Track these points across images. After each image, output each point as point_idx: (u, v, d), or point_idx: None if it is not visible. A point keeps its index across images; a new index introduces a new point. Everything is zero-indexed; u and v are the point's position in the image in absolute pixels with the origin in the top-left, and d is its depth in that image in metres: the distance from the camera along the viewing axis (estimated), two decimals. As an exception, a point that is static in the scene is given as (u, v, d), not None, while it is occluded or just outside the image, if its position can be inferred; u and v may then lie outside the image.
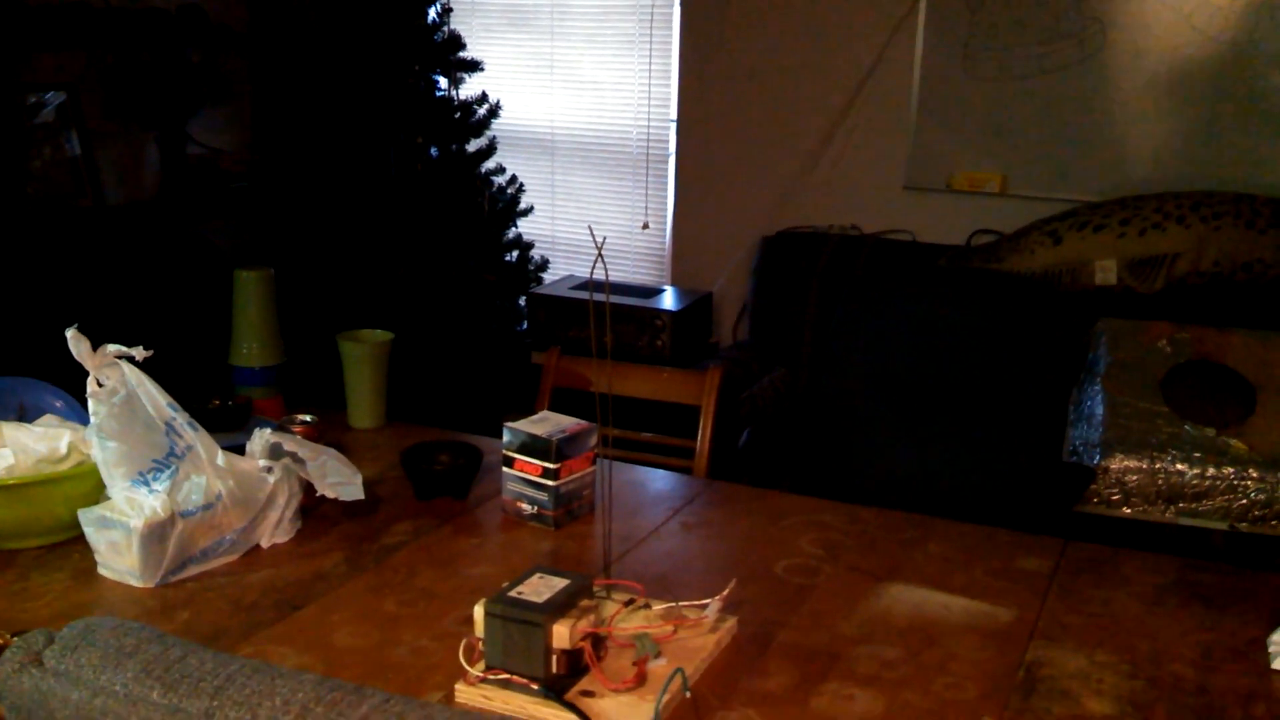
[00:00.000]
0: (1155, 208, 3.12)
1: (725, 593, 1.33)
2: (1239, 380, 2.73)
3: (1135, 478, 2.60)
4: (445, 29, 3.75)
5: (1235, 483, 2.54)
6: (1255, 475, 2.54)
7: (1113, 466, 2.61)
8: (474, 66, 3.79)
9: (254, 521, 1.54)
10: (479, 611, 1.19)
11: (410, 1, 3.66)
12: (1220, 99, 3.17)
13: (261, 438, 1.56)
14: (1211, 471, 2.56)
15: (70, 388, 1.71)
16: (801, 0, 3.62)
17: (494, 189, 3.90)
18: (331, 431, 1.92)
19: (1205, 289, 3.05)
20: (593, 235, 1.84)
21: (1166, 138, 3.25)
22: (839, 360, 3.27)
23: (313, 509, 1.65)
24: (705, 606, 1.32)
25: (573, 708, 1.13)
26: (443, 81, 3.78)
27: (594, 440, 1.67)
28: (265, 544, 1.56)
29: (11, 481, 1.50)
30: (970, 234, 3.48)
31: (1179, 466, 2.58)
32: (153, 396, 1.49)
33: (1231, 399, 2.71)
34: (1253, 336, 2.81)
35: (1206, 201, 3.08)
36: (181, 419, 1.51)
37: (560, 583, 1.21)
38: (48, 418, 1.67)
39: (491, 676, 1.18)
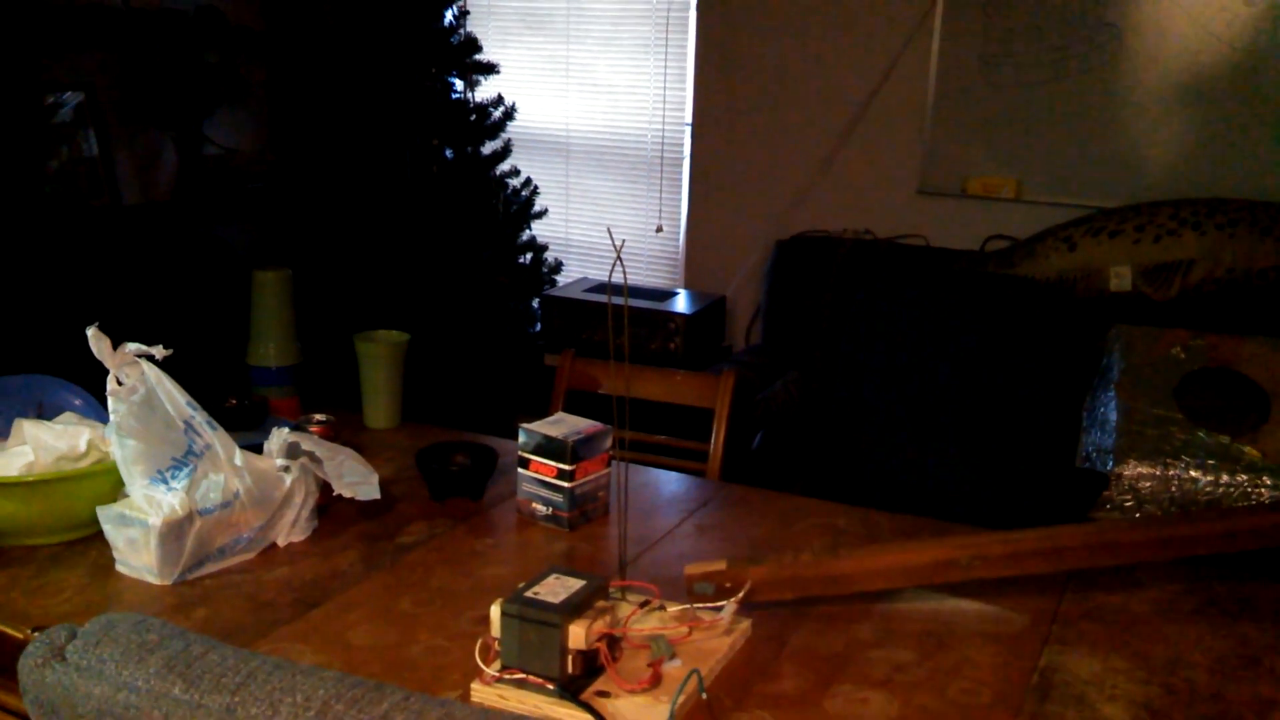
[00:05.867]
0: (1170, 214, 3.11)
1: (740, 595, 1.33)
2: (1253, 387, 2.73)
3: (1148, 484, 2.59)
4: (462, 31, 3.76)
5: (1249, 490, 2.54)
6: (1269, 483, 2.53)
7: (1126, 473, 2.61)
8: (490, 69, 3.80)
9: (271, 520, 1.55)
10: (496, 611, 1.20)
11: (427, 4, 3.68)
12: (1237, 106, 3.16)
13: (279, 437, 1.57)
14: (1225, 479, 2.55)
15: (89, 386, 1.72)
16: (817, 5, 3.63)
17: (509, 191, 3.91)
18: (347, 431, 1.93)
19: (1220, 296, 3.05)
20: (611, 238, 1.85)
21: (1182, 144, 3.25)
22: (852, 364, 3.27)
23: (329, 508, 1.66)
24: (720, 609, 1.32)
25: (588, 708, 1.14)
26: (459, 84, 3.79)
27: (609, 442, 1.67)
28: (282, 542, 1.57)
29: (31, 478, 1.51)
30: (984, 239, 3.48)
31: (1192, 474, 2.58)
32: (172, 395, 1.50)
33: (1245, 406, 2.71)
34: (1267, 344, 2.80)
35: (1222, 208, 3.08)
36: (200, 418, 1.52)
37: (576, 584, 1.21)
38: (67, 415, 1.69)
39: (507, 676, 1.18)
